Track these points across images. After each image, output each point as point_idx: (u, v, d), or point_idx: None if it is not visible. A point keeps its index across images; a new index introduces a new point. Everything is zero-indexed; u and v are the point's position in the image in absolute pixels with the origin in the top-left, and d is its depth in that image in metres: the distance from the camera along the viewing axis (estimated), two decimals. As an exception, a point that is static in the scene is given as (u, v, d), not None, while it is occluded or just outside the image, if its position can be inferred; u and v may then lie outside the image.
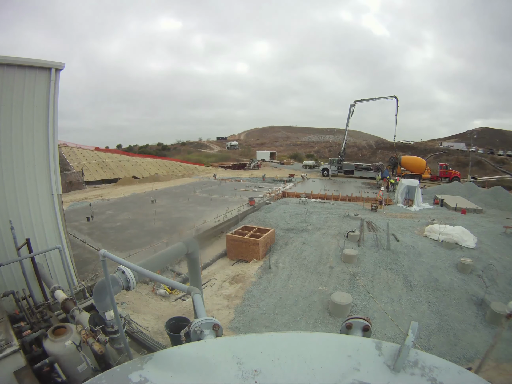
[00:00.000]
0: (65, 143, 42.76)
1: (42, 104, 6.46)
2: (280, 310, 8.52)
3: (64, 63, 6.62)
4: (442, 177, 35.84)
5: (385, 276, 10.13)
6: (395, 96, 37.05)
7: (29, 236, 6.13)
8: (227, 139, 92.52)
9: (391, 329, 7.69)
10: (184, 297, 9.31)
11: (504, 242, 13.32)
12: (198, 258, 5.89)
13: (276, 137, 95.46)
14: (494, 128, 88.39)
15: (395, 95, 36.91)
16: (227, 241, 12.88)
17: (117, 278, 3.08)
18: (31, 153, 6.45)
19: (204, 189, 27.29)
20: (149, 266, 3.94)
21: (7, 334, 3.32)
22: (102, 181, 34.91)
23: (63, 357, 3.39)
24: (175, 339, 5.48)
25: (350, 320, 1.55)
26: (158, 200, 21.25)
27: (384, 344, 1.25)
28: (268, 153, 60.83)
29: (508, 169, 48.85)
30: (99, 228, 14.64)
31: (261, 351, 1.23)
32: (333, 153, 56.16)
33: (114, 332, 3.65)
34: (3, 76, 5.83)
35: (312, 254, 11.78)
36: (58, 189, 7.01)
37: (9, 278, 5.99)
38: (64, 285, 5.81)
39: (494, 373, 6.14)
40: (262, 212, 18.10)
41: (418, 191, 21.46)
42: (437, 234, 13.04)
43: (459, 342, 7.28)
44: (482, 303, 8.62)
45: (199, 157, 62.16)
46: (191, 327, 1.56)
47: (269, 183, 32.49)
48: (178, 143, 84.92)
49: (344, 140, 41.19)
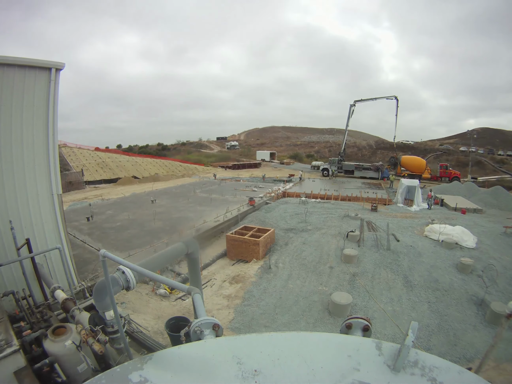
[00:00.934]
0: (65, 143, 42.77)
1: (42, 104, 6.46)
2: (280, 310, 8.52)
3: (64, 63, 6.61)
4: (442, 177, 35.82)
5: (385, 276, 10.13)
6: (395, 96, 36.87)
7: (29, 236, 6.13)
8: (227, 139, 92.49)
9: (391, 329, 7.68)
10: (184, 297, 9.31)
11: (504, 242, 13.32)
12: (198, 258, 5.88)
13: (276, 137, 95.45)
14: (494, 128, 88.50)
15: (395, 95, 36.80)
16: (227, 241, 12.88)
17: (117, 278, 3.08)
18: (31, 153, 6.45)
19: (204, 189, 27.29)
20: (149, 266, 3.94)
21: (7, 334, 3.32)
22: (102, 181, 34.91)
23: (63, 357, 3.38)
24: (175, 339, 5.48)
25: (350, 320, 1.55)
26: (158, 200, 21.25)
27: (384, 344, 1.25)
28: (268, 153, 60.82)
29: (508, 169, 48.84)
30: (99, 228, 14.63)
31: (261, 351, 1.23)
32: (333, 153, 56.14)
33: (114, 332, 3.65)
34: (3, 76, 5.83)
35: (312, 254, 11.78)
36: (58, 189, 7.01)
37: (9, 278, 5.99)
38: (64, 285, 5.82)
39: (494, 373, 6.14)
40: (262, 212, 18.10)
41: (418, 191, 21.47)
42: (437, 234, 13.04)
43: (459, 342, 7.27)
44: (482, 303, 8.62)
45: (199, 157, 62.12)
46: (191, 327, 1.56)
47: (269, 183, 32.49)
48: (178, 143, 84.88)
49: (344, 140, 41.19)
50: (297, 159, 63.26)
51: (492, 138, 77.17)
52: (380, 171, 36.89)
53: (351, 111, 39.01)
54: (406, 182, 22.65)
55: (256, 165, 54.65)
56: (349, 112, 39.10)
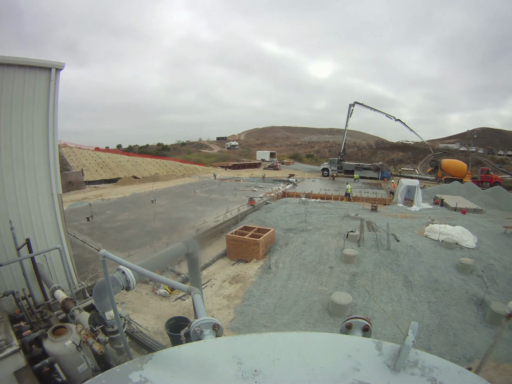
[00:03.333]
0: (65, 143, 42.76)
1: (42, 104, 6.46)
2: (280, 310, 8.52)
3: (64, 63, 6.61)
4: (483, 182, 33.21)
5: (385, 276, 10.13)
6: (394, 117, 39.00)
7: (29, 236, 6.13)
8: (227, 139, 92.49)
9: (391, 329, 7.68)
10: (184, 297, 9.31)
11: (504, 242, 13.33)
12: (198, 258, 5.88)
13: (276, 137, 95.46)
14: (494, 128, 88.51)
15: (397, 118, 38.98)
16: (227, 241, 12.88)
17: (117, 278, 3.08)
18: (31, 153, 6.45)
19: (204, 189, 27.29)
20: (149, 266, 3.94)
21: (7, 334, 3.32)
22: (102, 181, 34.90)
23: (63, 357, 3.38)
24: (175, 339, 5.48)
25: (350, 320, 1.55)
26: (158, 200, 21.24)
27: (384, 344, 1.24)
28: (268, 153, 60.79)
29: (508, 169, 48.83)
30: (99, 228, 14.63)
31: (261, 351, 1.23)
32: (333, 153, 56.16)
33: (114, 332, 3.65)
34: (3, 76, 5.83)
35: (312, 254, 11.78)
36: (58, 189, 7.01)
37: (9, 278, 5.99)
38: (64, 285, 5.82)
39: (494, 373, 6.14)
40: (262, 212, 18.09)
41: (418, 191, 21.48)
42: (437, 234, 13.04)
43: (459, 342, 7.27)
44: (482, 303, 8.62)
45: (199, 157, 62.12)
46: (191, 327, 1.56)
47: (269, 183, 32.49)
48: (178, 143, 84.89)
49: (344, 140, 41.21)
50: (297, 159, 63.24)
51: (492, 138, 77.16)
52: (380, 171, 36.91)
53: (351, 111, 39.04)
54: (406, 182, 22.65)
55: (256, 165, 54.67)
56: (348, 112, 39.13)
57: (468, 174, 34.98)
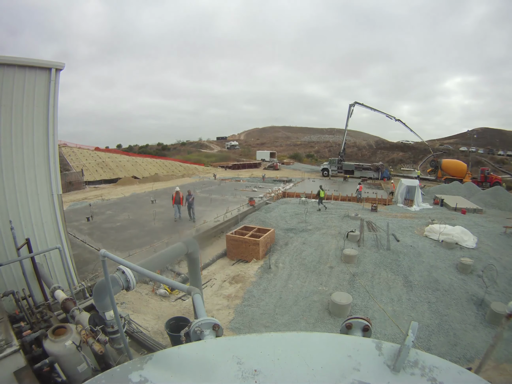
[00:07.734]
0: (65, 143, 42.74)
1: (42, 104, 6.46)
2: (280, 310, 8.52)
3: (64, 63, 6.60)
4: (483, 182, 33.13)
5: (385, 276, 10.13)
6: (394, 117, 39.28)
7: (29, 236, 6.12)
8: (227, 139, 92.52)
9: (391, 329, 7.68)
10: (184, 297, 9.30)
11: (504, 242, 13.33)
12: (198, 258, 5.89)
13: (276, 137, 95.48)
14: (494, 128, 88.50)
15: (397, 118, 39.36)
16: (227, 241, 12.87)
17: (117, 278, 3.08)
18: (31, 153, 6.44)
19: (204, 189, 27.28)
20: (149, 266, 3.94)
21: (7, 334, 3.32)
22: (102, 181, 34.87)
23: (63, 357, 3.38)
24: (175, 339, 5.49)
25: (350, 320, 1.55)
26: (158, 200, 21.23)
27: (384, 344, 1.24)
28: (268, 153, 60.82)
29: (508, 169, 48.83)
30: (99, 228, 14.62)
31: (261, 351, 1.23)
32: (333, 153, 56.21)
33: (114, 332, 3.64)
34: (3, 76, 5.82)
35: (312, 254, 11.78)
36: (58, 189, 7.00)
37: (9, 278, 5.98)
38: (64, 285, 5.82)
39: (494, 373, 6.13)
40: (262, 212, 18.09)
41: (418, 191, 21.49)
42: (437, 234, 13.04)
43: (459, 342, 7.27)
44: (482, 303, 8.62)
45: (199, 157, 62.10)
46: (191, 327, 1.56)
47: (269, 183, 32.49)
48: (178, 143, 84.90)
49: (344, 140, 41.23)
50: (297, 159, 63.24)
51: (492, 138, 77.17)
52: (380, 171, 36.93)
53: (351, 111, 39.07)
54: (406, 182, 22.67)
55: (256, 165, 54.70)
56: (348, 112, 39.17)
57: (468, 174, 34.98)
